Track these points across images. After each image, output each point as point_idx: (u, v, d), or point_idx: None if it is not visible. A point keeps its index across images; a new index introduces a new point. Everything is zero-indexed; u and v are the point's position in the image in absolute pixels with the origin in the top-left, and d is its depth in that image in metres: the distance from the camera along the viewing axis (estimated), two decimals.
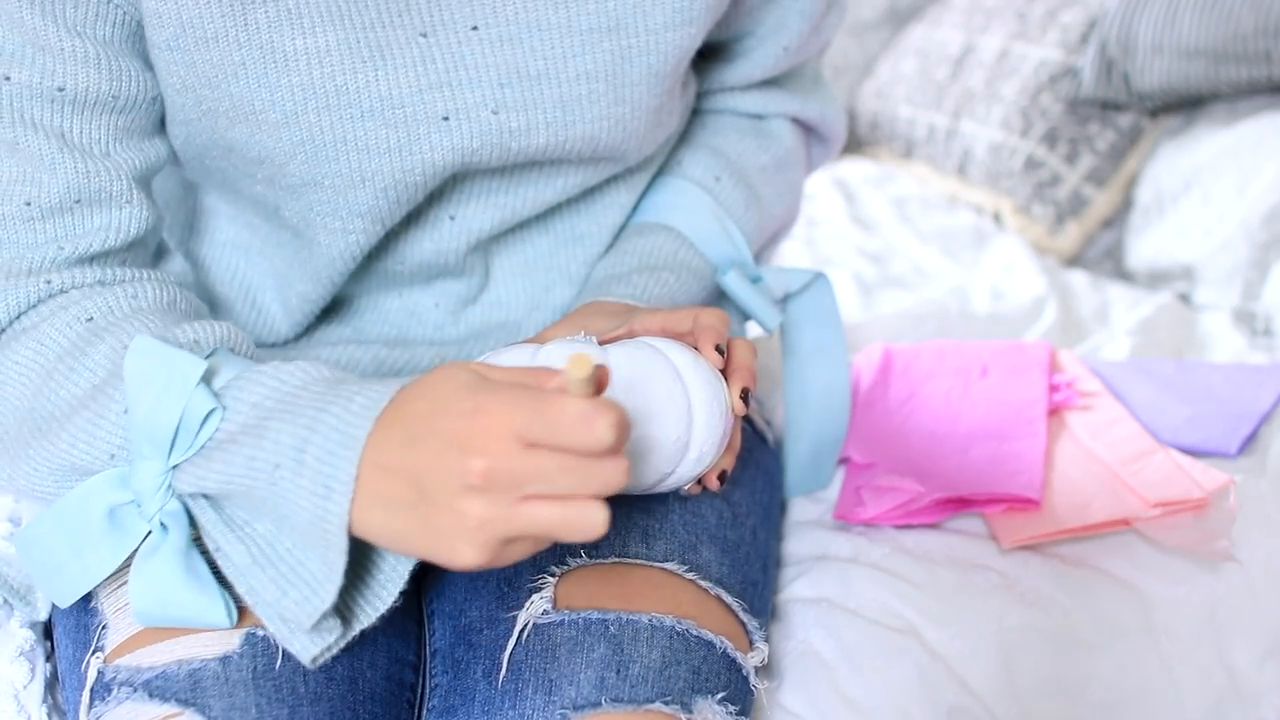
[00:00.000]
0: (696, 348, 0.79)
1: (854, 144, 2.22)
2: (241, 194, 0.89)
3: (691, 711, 0.76)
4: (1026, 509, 1.00)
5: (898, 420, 1.14)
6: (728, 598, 0.83)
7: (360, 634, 0.79)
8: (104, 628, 0.79)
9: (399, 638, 0.84)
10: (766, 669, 0.88)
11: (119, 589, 0.80)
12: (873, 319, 1.52)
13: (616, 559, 0.82)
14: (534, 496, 0.62)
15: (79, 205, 0.79)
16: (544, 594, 0.78)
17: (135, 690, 0.74)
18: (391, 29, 0.80)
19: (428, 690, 0.82)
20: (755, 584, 0.89)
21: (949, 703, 0.88)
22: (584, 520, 0.62)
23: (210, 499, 0.73)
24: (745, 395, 0.79)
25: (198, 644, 0.75)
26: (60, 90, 0.77)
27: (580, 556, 0.82)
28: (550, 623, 0.77)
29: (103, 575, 0.76)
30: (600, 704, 0.74)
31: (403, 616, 0.86)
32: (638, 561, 0.82)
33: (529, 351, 0.79)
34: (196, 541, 0.74)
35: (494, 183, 0.89)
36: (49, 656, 0.89)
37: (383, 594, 0.72)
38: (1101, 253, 1.86)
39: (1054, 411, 1.14)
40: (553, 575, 0.80)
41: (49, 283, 0.79)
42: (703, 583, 0.83)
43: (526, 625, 0.77)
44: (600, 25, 0.82)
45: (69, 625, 0.83)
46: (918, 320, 1.47)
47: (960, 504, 1.01)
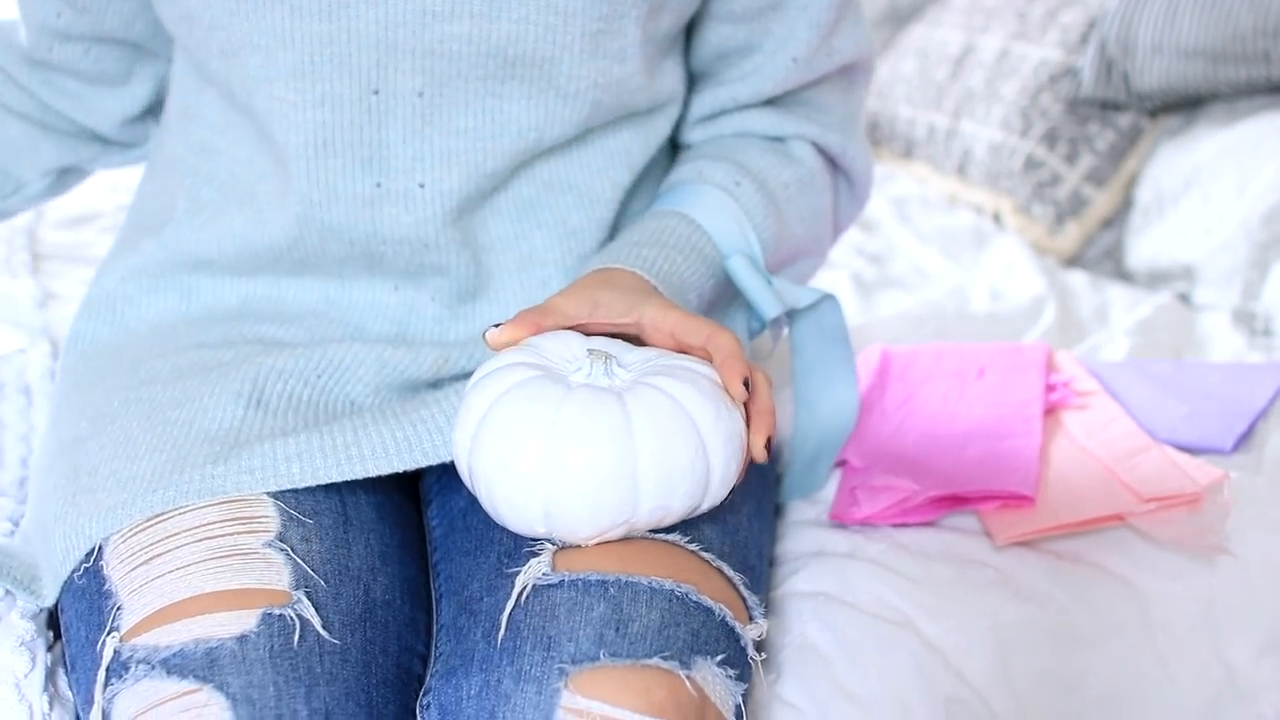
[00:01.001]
0: (710, 363, 0.81)
1: None
2: (215, 83, 0.95)
3: (690, 669, 0.76)
4: (1021, 505, 1.01)
5: (894, 422, 1.14)
6: (729, 570, 0.84)
7: (374, 618, 0.82)
8: (119, 609, 0.80)
9: (409, 627, 0.85)
10: (765, 663, 0.88)
11: (133, 571, 0.81)
12: (872, 320, 1.52)
13: None
14: None
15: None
16: (542, 558, 0.79)
17: (153, 668, 0.75)
18: None
19: (432, 661, 0.82)
20: (753, 568, 0.89)
21: (946, 694, 0.89)
22: None
23: None
24: (768, 444, 0.80)
25: (214, 623, 0.76)
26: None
27: None
28: (549, 584, 0.77)
29: None
30: (599, 658, 0.74)
31: (413, 607, 0.86)
32: (639, 534, 0.82)
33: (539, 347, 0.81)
34: None
35: (454, 141, 0.91)
36: (50, 647, 0.90)
37: None
38: (1101, 253, 1.86)
39: (1050, 411, 1.15)
40: (551, 544, 0.81)
41: None
42: (705, 554, 0.83)
43: (525, 586, 0.78)
44: None
45: (81, 609, 0.84)
46: (917, 321, 1.48)
47: (955, 501, 1.01)
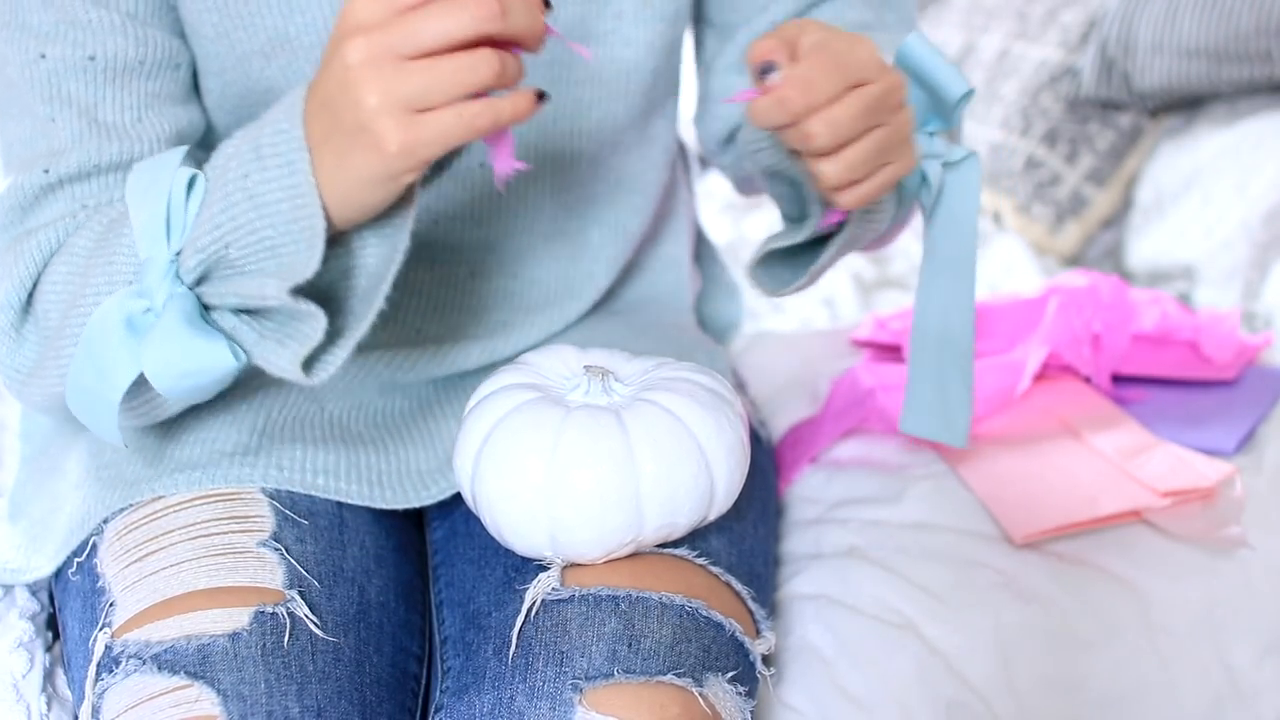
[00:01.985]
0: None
1: None
2: (251, 99, 0.92)
3: (702, 686, 0.76)
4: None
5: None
6: (737, 584, 0.83)
7: (368, 619, 0.81)
8: (111, 605, 0.80)
9: (404, 629, 0.85)
10: (766, 663, 0.88)
11: (127, 568, 0.81)
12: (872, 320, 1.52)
13: None
14: (422, 54, 0.65)
15: (102, 172, 0.83)
16: (552, 573, 0.78)
17: (144, 663, 0.75)
18: None
19: (440, 675, 0.82)
20: (759, 576, 0.89)
21: (948, 697, 0.88)
22: (476, 60, 0.65)
23: (214, 275, 0.73)
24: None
25: (207, 620, 0.76)
26: (91, 59, 0.82)
27: None
28: (560, 599, 0.77)
29: (126, 382, 0.75)
30: (613, 675, 0.74)
31: (408, 609, 0.86)
32: (647, 549, 0.82)
33: (573, 353, 0.82)
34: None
35: (515, 126, 0.91)
36: (49, 648, 0.90)
37: (371, 291, 0.73)
38: (1101, 253, 1.86)
39: (1043, 376, 1.15)
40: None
41: (74, 217, 0.83)
42: (713, 569, 0.83)
43: (535, 601, 0.77)
44: None
45: (75, 606, 0.84)
46: None
47: None
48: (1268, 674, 0.96)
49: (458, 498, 0.90)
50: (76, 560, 0.86)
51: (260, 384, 0.90)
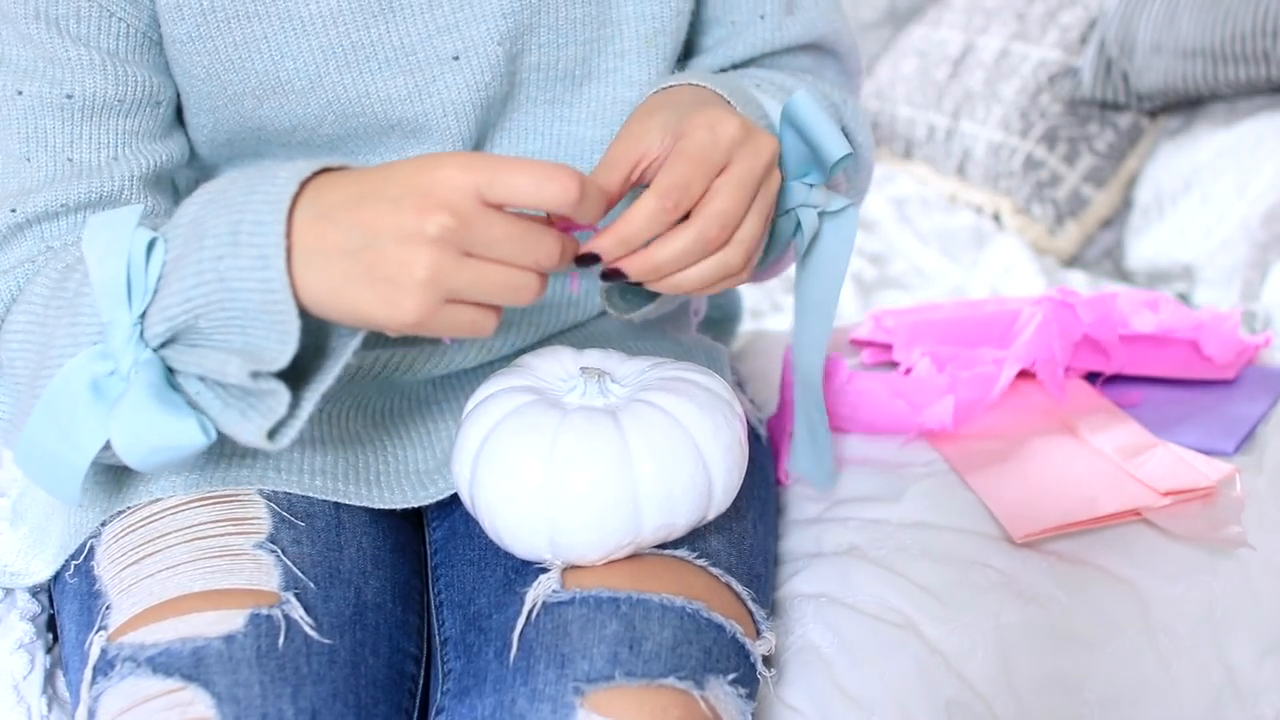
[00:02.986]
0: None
1: None
2: (273, 160, 0.91)
3: (704, 689, 0.76)
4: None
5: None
6: (737, 586, 0.83)
7: (364, 621, 0.81)
8: (108, 608, 0.80)
9: (401, 629, 0.84)
10: (767, 663, 0.88)
11: (123, 570, 0.81)
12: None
13: None
14: (478, 255, 0.67)
15: (70, 212, 0.83)
16: (552, 575, 0.78)
17: (139, 666, 0.75)
18: None
19: (440, 677, 0.82)
20: (759, 576, 0.89)
21: (947, 696, 0.88)
22: (523, 284, 0.68)
23: (181, 340, 0.73)
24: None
25: (202, 623, 0.76)
26: (69, 98, 0.81)
27: None
28: (560, 601, 0.77)
29: (94, 448, 0.75)
30: (614, 677, 0.74)
31: (405, 610, 0.86)
32: (646, 550, 0.82)
33: (570, 355, 0.82)
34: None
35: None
36: (49, 649, 0.90)
37: (328, 367, 0.73)
38: (1101, 253, 1.86)
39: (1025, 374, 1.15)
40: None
41: (34, 263, 0.82)
42: (713, 570, 0.83)
43: (536, 603, 0.77)
44: None
45: (73, 609, 0.84)
46: None
47: None
48: (1268, 674, 0.96)
49: (456, 498, 0.90)
50: (74, 563, 0.86)
51: None
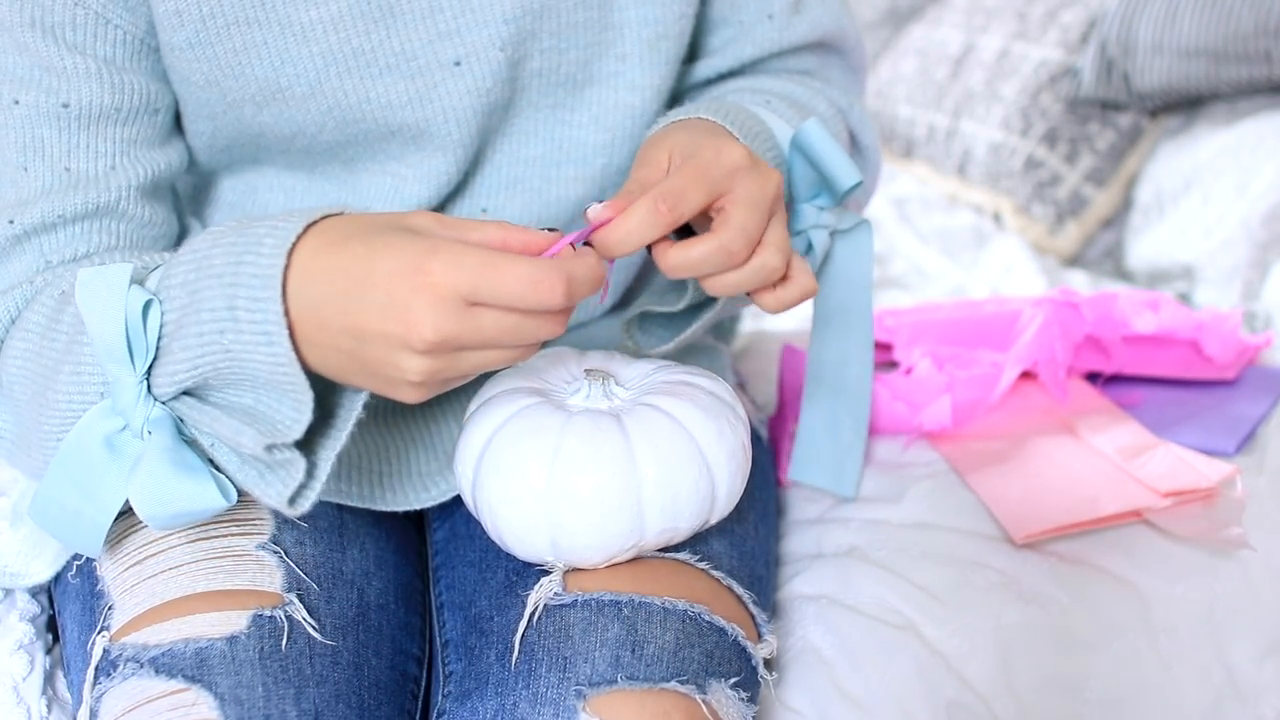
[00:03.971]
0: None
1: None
2: (273, 165, 0.92)
3: (705, 693, 0.76)
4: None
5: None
6: (738, 589, 0.83)
7: (367, 622, 0.81)
8: (110, 608, 0.80)
9: (403, 631, 0.84)
10: (768, 666, 0.88)
11: (126, 571, 0.81)
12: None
13: None
14: (472, 348, 0.67)
15: (68, 223, 0.82)
16: (554, 577, 0.78)
17: (141, 666, 0.75)
18: None
19: (442, 679, 0.82)
20: (761, 578, 0.89)
21: (948, 698, 0.88)
22: (523, 355, 0.68)
23: (194, 394, 0.74)
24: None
25: (204, 624, 0.76)
26: (65, 106, 0.81)
27: None
28: (562, 604, 0.77)
29: (117, 506, 0.76)
30: (616, 681, 0.74)
31: (407, 611, 0.86)
32: (648, 553, 0.82)
33: (574, 357, 0.82)
34: (193, 447, 0.75)
35: (521, 170, 0.92)
36: (49, 650, 0.90)
37: (338, 434, 0.74)
38: (1101, 253, 1.86)
39: (1028, 375, 1.15)
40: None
41: (33, 283, 0.81)
42: (714, 573, 0.83)
43: (538, 606, 0.77)
44: None
45: (75, 610, 0.84)
46: None
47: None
48: (1268, 674, 0.96)
49: (459, 499, 0.90)
50: (76, 564, 0.86)
51: None
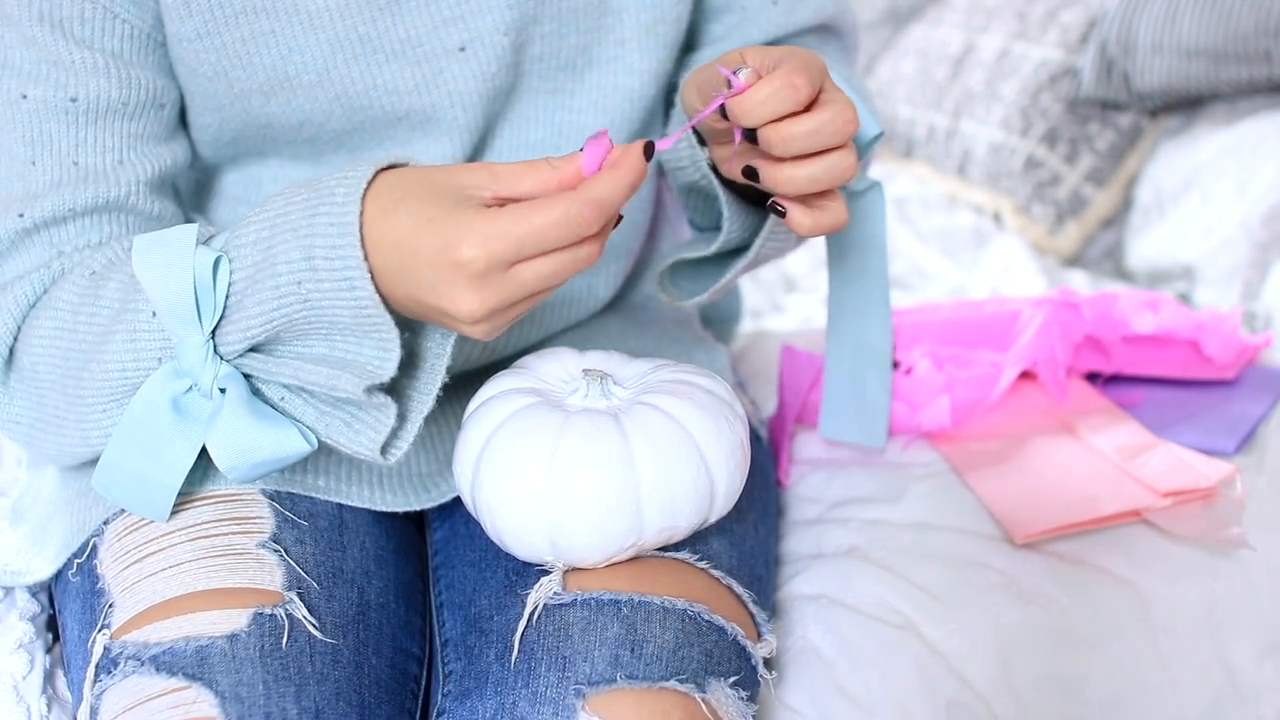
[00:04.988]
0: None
1: None
2: (279, 157, 0.92)
3: (705, 692, 0.76)
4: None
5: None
6: (738, 588, 0.83)
7: (367, 620, 0.81)
8: (111, 606, 0.80)
9: (403, 629, 0.85)
10: (768, 665, 0.88)
11: (126, 569, 0.81)
12: None
13: None
14: (521, 300, 0.70)
15: (78, 216, 0.83)
16: (553, 577, 0.78)
17: (142, 664, 0.75)
18: None
19: (441, 678, 0.82)
20: (760, 578, 0.89)
21: (948, 697, 0.88)
22: (576, 259, 0.69)
23: (263, 350, 0.76)
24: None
25: (205, 622, 0.76)
26: (73, 101, 0.81)
27: None
28: (562, 603, 0.77)
29: (187, 467, 0.78)
30: (615, 680, 0.74)
31: (407, 610, 0.86)
32: (648, 552, 0.82)
33: (573, 357, 0.82)
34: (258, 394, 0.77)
35: (520, 155, 0.92)
36: (49, 649, 0.90)
37: (431, 376, 0.76)
38: (1101, 253, 1.86)
39: (1027, 375, 1.15)
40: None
41: (49, 268, 0.82)
42: (714, 572, 0.83)
43: (537, 605, 0.77)
44: None
45: (75, 608, 0.84)
46: None
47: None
48: (1268, 674, 0.96)
49: (458, 498, 0.90)
50: (76, 562, 0.86)
51: None
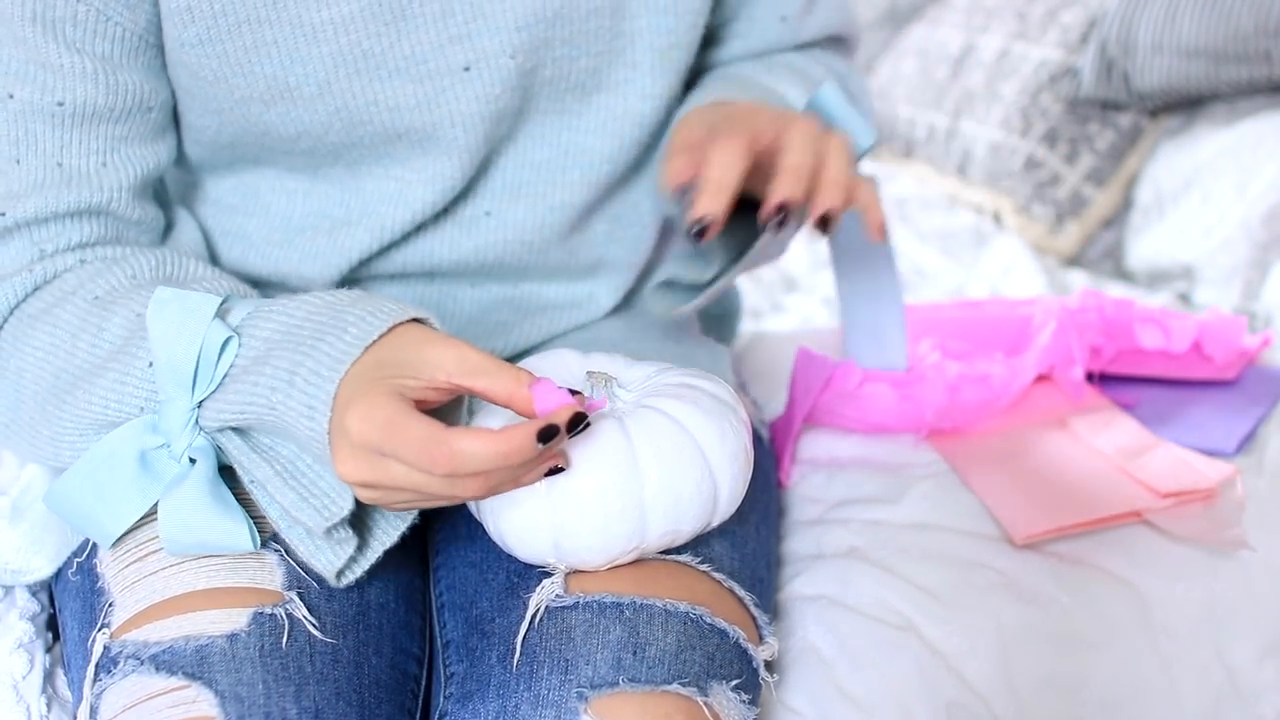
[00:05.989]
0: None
1: None
2: (275, 167, 0.92)
3: (707, 695, 0.76)
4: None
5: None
6: (739, 590, 0.83)
7: (367, 620, 0.81)
8: (110, 605, 0.80)
9: (404, 630, 0.84)
10: (769, 668, 0.88)
11: (127, 568, 0.81)
12: None
13: None
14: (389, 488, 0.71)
15: (60, 218, 0.83)
16: (555, 579, 0.78)
17: (142, 663, 0.75)
18: None
19: (443, 680, 0.82)
20: (762, 580, 0.89)
21: (948, 698, 0.88)
22: (452, 491, 0.70)
23: (237, 431, 0.77)
24: (826, 221, 0.81)
25: (205, 621, 0.76)
26: (60, 105, 0.81)
27: None
28: (564, 606, 0.77)
29: (132, 518, 0.79)
30: (618, 684, 0.74)
31: (408, 610, 0.86)
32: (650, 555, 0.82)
33: (576, 358, 0.82)
34: (223, 474, 0.78)
35: (526, 173, 0.92)
36: (49, 649, 0.90)
37: (395, 520, 0.78)
38: (1101, 253, 1.86)
39: (1043, 378, 1.15)
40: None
41: (32, 271, 0.83)
42: (716, 575, 0.83)
43: (539, 608, 0.77)
44: None
45: (75, 607, 0.84)
46: None
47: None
48: (1268, 674, 0.96)
49: None
50: (76, 560, 0.86)
51: None
